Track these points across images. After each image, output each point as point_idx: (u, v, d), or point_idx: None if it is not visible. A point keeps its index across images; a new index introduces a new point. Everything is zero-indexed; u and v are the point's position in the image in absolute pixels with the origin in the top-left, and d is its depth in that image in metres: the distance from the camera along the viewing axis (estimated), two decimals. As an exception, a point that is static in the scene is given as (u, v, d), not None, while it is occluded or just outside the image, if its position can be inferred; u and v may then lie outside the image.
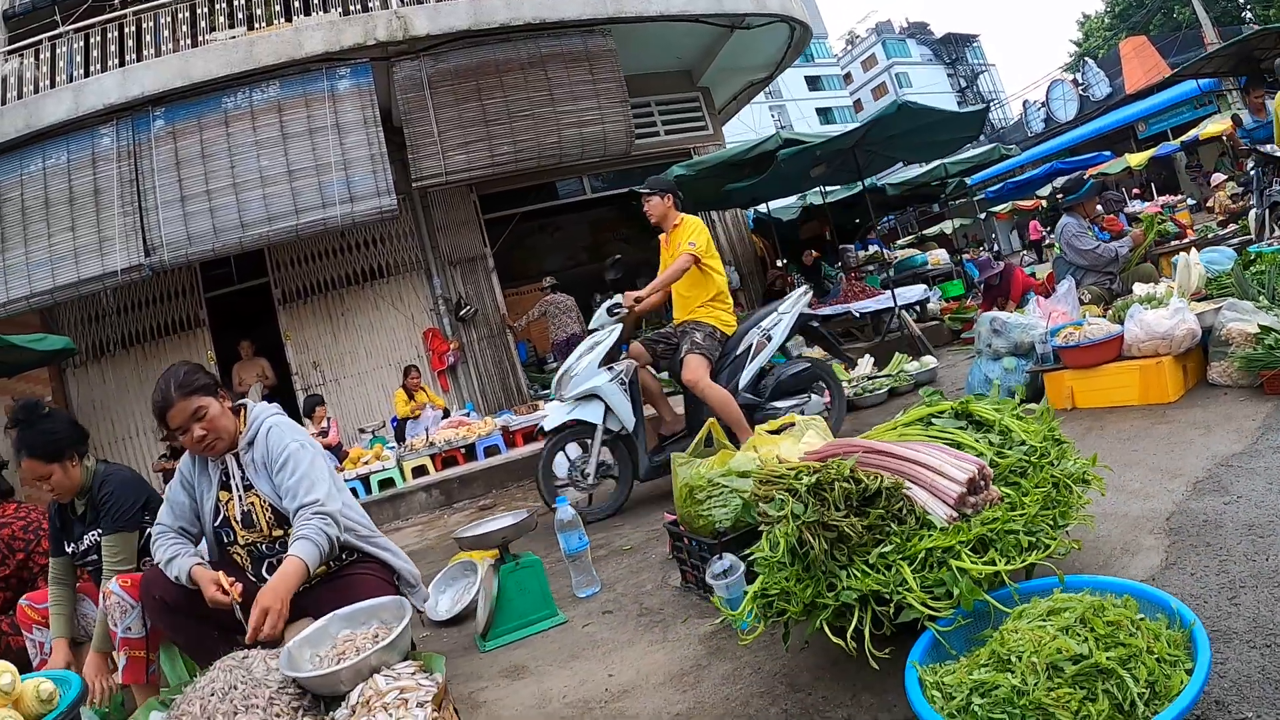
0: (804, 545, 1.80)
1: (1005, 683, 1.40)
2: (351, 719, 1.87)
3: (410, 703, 1.83)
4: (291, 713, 1.96)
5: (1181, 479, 2.82)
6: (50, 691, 1.97)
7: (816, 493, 1.87)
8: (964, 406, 2.31)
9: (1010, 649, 1.47)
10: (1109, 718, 1.31)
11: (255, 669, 2.04)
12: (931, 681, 1.54)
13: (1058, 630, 1.47)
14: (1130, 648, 1.40)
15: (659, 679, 2.34)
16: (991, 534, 1.83)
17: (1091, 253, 5.79)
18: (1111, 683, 1.35)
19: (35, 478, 2.90)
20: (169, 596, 2.49)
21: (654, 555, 3.62)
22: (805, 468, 1.99)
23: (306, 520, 2.37)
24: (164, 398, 2.51)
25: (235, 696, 1.95)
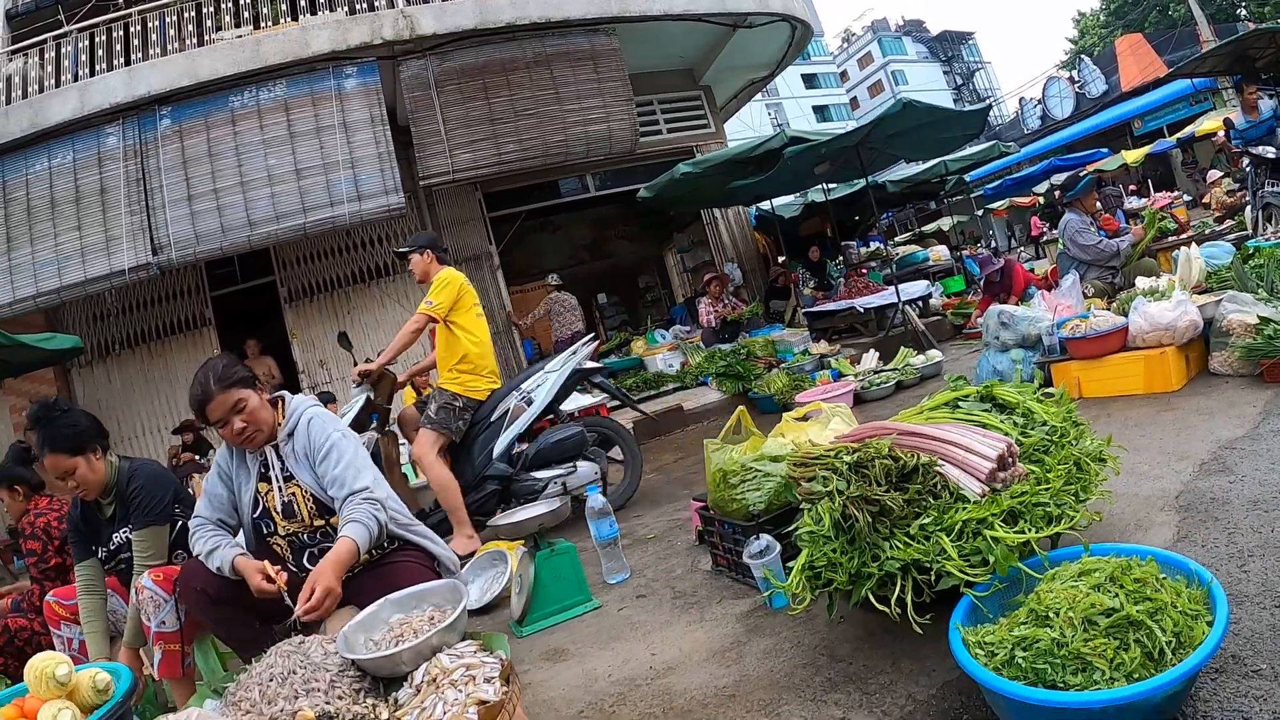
0: (848, 519, 1.96)
1: (1045, 636, 1.55)
2: (416, 696, 1.90)
3: (478, 678, 1.87)
4: (353, 695, 1.98)
5: (1188, 461, 3.00)
6: (106, 682, 1.95)
7: (858, 470, 2.02)
8: (988, 390, 2.47)
9: (1047, 606, 1.63)
10: (1141, 665, 1.46)
11: (313, 654, 2.07)
12: (974, 641, 1.68)
13: (1090, 588, 1.63)
14: (1156, 602, 1.56)
15: (701, 656, 2.45)
16: (1020, 506, 1.99)
17: (1094, 248, 5.96)
18: (1141, 633, 1.51)
19: (60, 473, 2.91)
20: (210, 588, 2.52)
21: (679, 543, 3.76)
22: (844, 448, 2.14)
23: (356, 505, 2.43)
24: (203, 391, 2.53)
25: (295, 681, 1.98)
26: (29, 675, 1.89)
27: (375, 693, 2.01)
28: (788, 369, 7.24)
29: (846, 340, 8.71)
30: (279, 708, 1.91)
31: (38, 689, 1.87)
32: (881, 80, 50.25)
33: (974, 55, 53.14)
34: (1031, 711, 1.49)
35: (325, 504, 2.58)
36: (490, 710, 1.70)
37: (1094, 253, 5.98)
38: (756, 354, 7.82)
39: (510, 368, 9.64)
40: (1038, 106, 25.96)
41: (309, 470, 2.60)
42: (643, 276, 16.94)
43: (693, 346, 9.05)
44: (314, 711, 1.86)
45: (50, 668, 1.87)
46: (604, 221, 14.01)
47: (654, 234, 14.26)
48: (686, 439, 6.85)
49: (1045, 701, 1.44)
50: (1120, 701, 1.39)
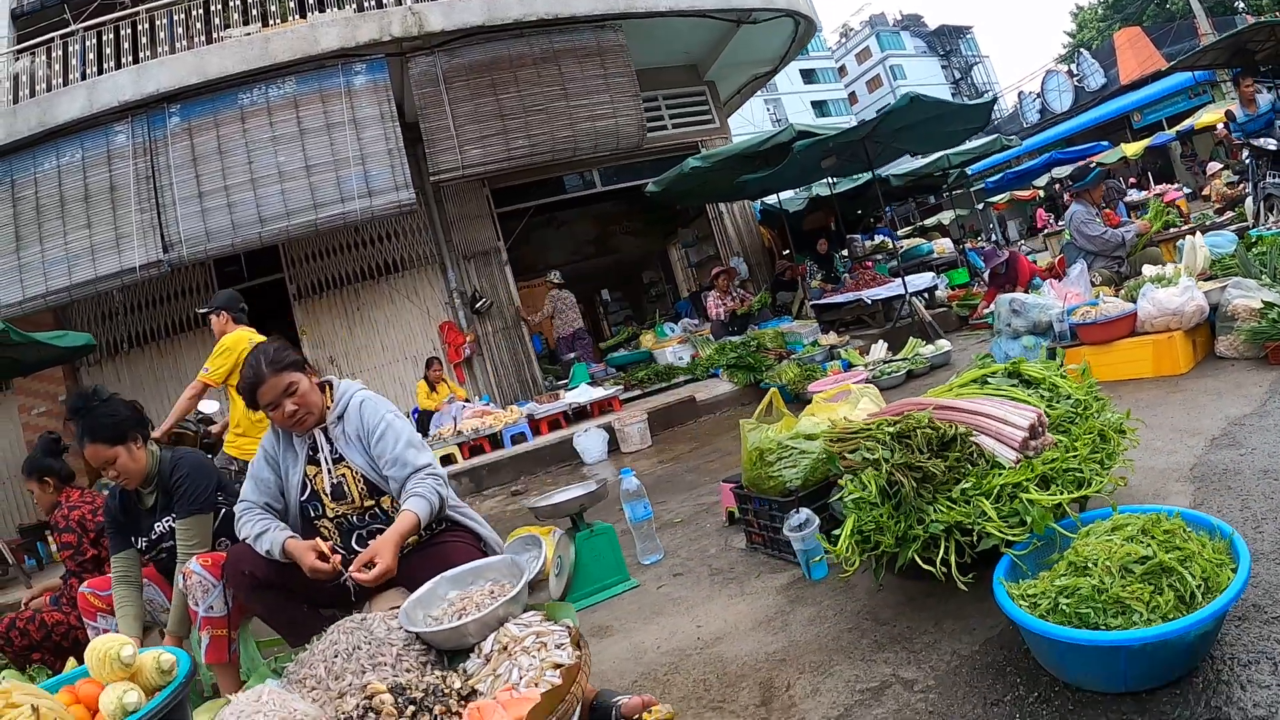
0: (894, 485, 2.12)
1: (1085, 584, 1.71)
2: (487, 665, 1.94)
3: (549, 644, 1.92)
4: (420, 668, 2.01)
5: (1200, 437, 3.18)
6: (170, 663, 1.96)
7: (900, 439, 2.19)
8: (1015, 367, 2.63)
9: (1085, 558, 1.79)
10: (1174, 607, 1.62)
11: (376, 629, 2.10)
12: (1018, 594, 1.84)
13: (1123, 540, 1.79)
14: (1185, 551, 1.73)
15: (747, 626, 2.59)
16: (1051, 472, 2.16)
17: (1100, 238, 6.14)
18: (1174, 579, 1.67)
19: (100, 463, 2.91)
20: (259, 571, 2.53)
21: (708, 525, 3.91)
22: (885, 421, 2.31)
23: (421, 480, 2.49)
24: (255, 374, 2.55)
25: (361, 656, 2.01)
26: (90, 658, 1.91)
27: (440, 665, 2.05)
28: (798, 360, 7.41)
29: (854, 332, 8.88)
30: (347, 682, 1.96)
31: (100, 671, 1.88)
32: (880, 75, 50.56)
33: (972, 49, 53.49)
34: (1080, 652, 1.65)
35: (376, 485, 2.62)
36: (569, 672, 1.79)
37: (1099, 243, 6.16)
38: (766, 346, 8.00)
39: (519, 362, 9.80)
40: (1036, 100, 26.21)
41: (360, 452, 2.64)
42: (647, 271, 17.13)
43: (702, 339, 9.23)
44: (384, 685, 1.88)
45: (115, 649, 1.88)
46: (608, 217, 14.16)
47: (658, 229, 14.43)
48: (700, 429, 7.02)
49: (1093, 641, 1.60)
50: (1159, 638, 1.55)
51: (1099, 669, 1.66)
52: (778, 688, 2.10)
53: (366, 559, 2.30)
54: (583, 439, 6.81)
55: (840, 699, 1.96)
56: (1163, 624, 1.58)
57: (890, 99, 48.46)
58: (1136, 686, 1.65)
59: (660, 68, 10.75)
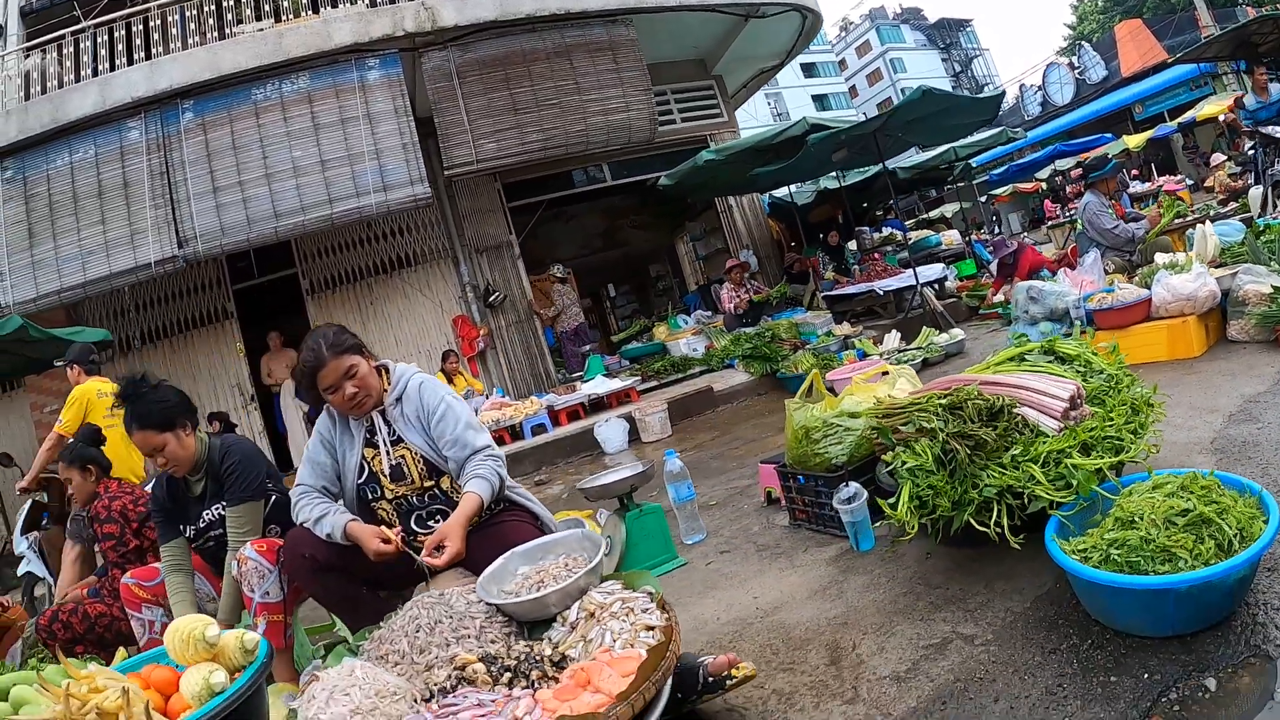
0: (949, 453, 2.31)
1: (1134, 536, 1.91)
2: (574, 633, 2.01)
3: (636, 609, 1.99)
4: (505, 639, 2.07)
5: (1218, 413, 3.40)
6: (254, 641, 1.97)
7: (952, 411, 2.38)
8: (1050, 345, 2.84)
9: (1131, 513, 1.99)
10: (1214, 554, 1.82)
11: (455, 604, 2.15)
12: (1068, 549, 2.03)
13: (1165, 496, 1.99)
14: (1221, 504, 1.93)
15: (803, 595, 2.75)
16: (1091, 440, 2.36)
17: (1110, 232, 6.36)
18: (1213, 529, 1.87)
19: (149, 450, 2.93)
20: (320, 554, 2.57)
21: (745, 506, 4.10)
22: (935, 394, 2.50)
23: (481, 461, 2.56)
24: (316, 358, 2.59)
25: (444, 629, 2.06)
26: (172, 640, 1.92)
27: (521, 636, 2.11)
28: (813, 350, 7.61)
29: (865, 322, 9.09)
30: (433, 655, 2.01)
31: (184, 652, 1.90)
32: (880, 68, 50.98)
33: (972, 42, 53.96)
34: (1131, 597, 1.85)
35: (435, 465, 2.68)
36: (666, 630, 1.88)
37: (1110, 237, 6.37)
38: (781, 336, 8.20)
39: (532, 355, 9.97)
40: (1038, 93, 26.47)
41: (420, 433, 2.69)
42: (654, 265, 17.31)
43: (716, 331, 9.42)
44: (473, 655, 1.95)
45: (199, 629, 1.90)
46: (616, 211, 14.34)
47: (665, 223, 14.63)
48: (719, 418, 7.22)
49: (1145, 585, 1.79)
50: (1205, 580, 1.74)
51: (1148, 613, 1.86)
52: (844, 648, 2.27)
53: (436, 542, 2.38)
54: (603, 429, 6.99)
55: (906, 655, 2.13)
56: (1207, 567, 1.77)
57: (890, 92, 48.92)
58: (1182, 629, 1.85)
59: (669, 62, 10.94)
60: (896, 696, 1.95)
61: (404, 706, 1.82)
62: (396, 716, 1.78)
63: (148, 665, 2.00)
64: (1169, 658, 1.79)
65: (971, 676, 1.95)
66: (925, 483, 2.32)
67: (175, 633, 1.91)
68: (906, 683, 2.00)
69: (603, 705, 1.63)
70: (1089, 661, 1.87)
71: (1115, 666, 1.82)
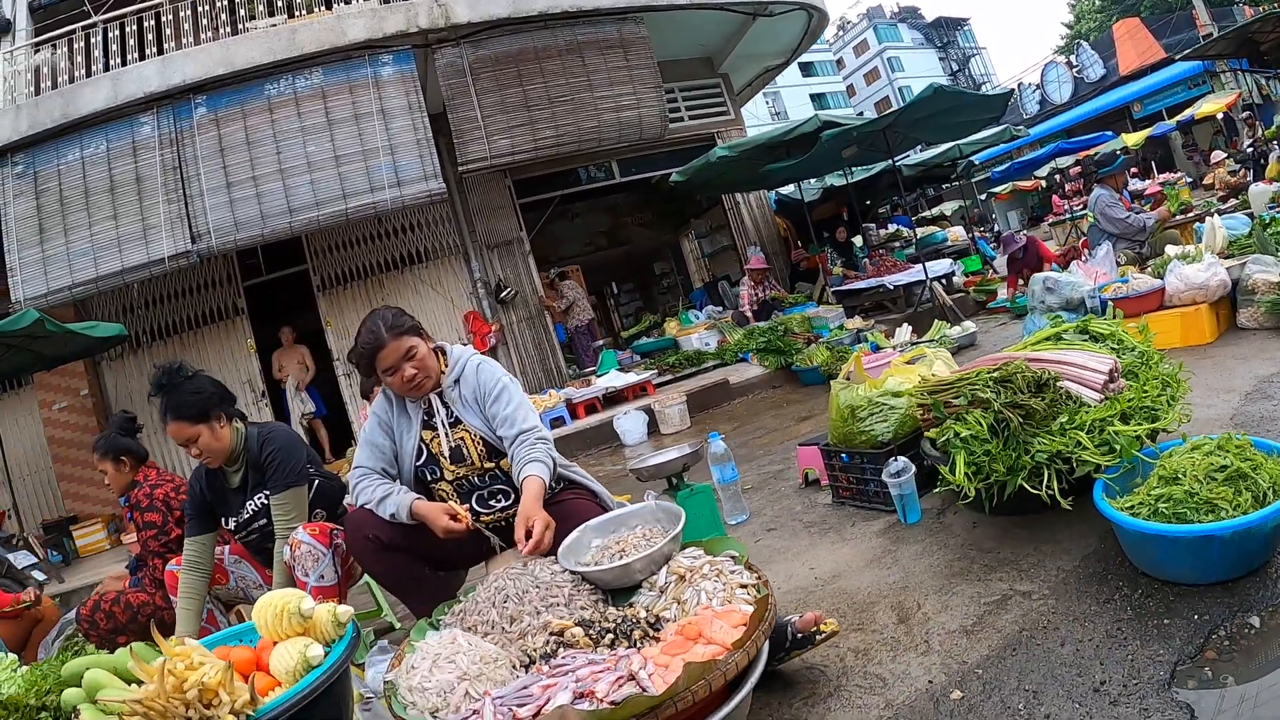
0: (1002, 422, 2.53)
1: (1178, 491, 2.13)
2: (663, 597, 2.10)
3: (724, 571, 2.08)
4: (594, 605, 2.13)
5: (1234, 393, 3.66)
6: (348, 614, 1.98)
7: (1003, 384, 2.60)
8: (1085, 324, 3.07)
9: (1174, 471, 2.21)
10: (1251, 504, 2.04)
11: (540, 574, 2.22)
12: (1117, 507, 2.25)
13: (1204, 455, 2.22)
14: (1255, 461, 2.15)
15: (859, 565, 2.92)
16: (1129, 409, 2.58)
17: (1123, 221, 6.63)
18: (1249, 483, 2.09)
19: (182, 440, 2.96)
20: (384, 535, 2.63)
21: (784, 488, 4.29)
22: (984, 370, 2.72)
23: (531, 445, 2.62)
24: (376, 339, 2.64)
25: (532, 598, 2.12)
26: (263, 614, 1.95)
27: (607, 604, 2.17)
28: (827, 343, 7.84)
29: (876, 317, 9.34)
30: (525, 623, 2.06)
31: (277, 626, 1.92)
32: (877, 67, 51.51)
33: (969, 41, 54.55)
34: (1179, 545, 2.06)
35: (494, 446, 2.74)
36: (765, 584, 2.01)
37: (1123, 226, 6.64)
38: (794, 330, 8.42)
39: (544, 351, 10.16)
40: (1036, 91, 26.87)
41: (478, 414, 2.76)
42: (658, 263, 17.52)
43: (728, 325, 9.64)
44: (569, 620, 2.00)
45: (293, 603, 1.93)
46: (621, 208, 14.56)
47: (670, 220, 14.85)
48: (737, 410, 7.44)
49: (1193, 533, 2.01)
50: (1246, 526, 1.96)
51: (1194, 560, 2.08)
52: (909, 608, 2.46)
53: (524, 529, 2.38)
54: (623, 421, 7.19)
55: (970, 611, 2.33)
56: (1246, 515, 1.99)
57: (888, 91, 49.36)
58: (1225, 576, 2.06)
59: (677, 60, 11.14)
60: (968, 646, 2.14)
61: (506, 672, 1.89)
62: (502, 681, 1.84)
63: (219, 646, 1.98)
64: (1215, 601, 2.01)
65: (1035, 626, 2.15)
66: (980, 450, 2.54)
67: (268, 607, 1.94)
68: (975, 635, 2.20)
69: (719, 654, 1.70)
70: (1142, 608, 2.08)
71: (1167, 611, 2.03)
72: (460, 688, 1.81)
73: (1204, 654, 1.83)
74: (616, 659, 1.79)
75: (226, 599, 3.43)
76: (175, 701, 1.59)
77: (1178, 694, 1.71)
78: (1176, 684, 1.74)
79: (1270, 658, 1.77)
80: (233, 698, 1.64)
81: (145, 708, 1.58)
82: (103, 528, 8.67)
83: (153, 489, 3.57)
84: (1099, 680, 1.84)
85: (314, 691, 1.75)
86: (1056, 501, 2.42)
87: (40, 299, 8.13)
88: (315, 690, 1.75)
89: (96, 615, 3.45)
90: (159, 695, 1.59)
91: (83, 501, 9.21)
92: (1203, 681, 1.73)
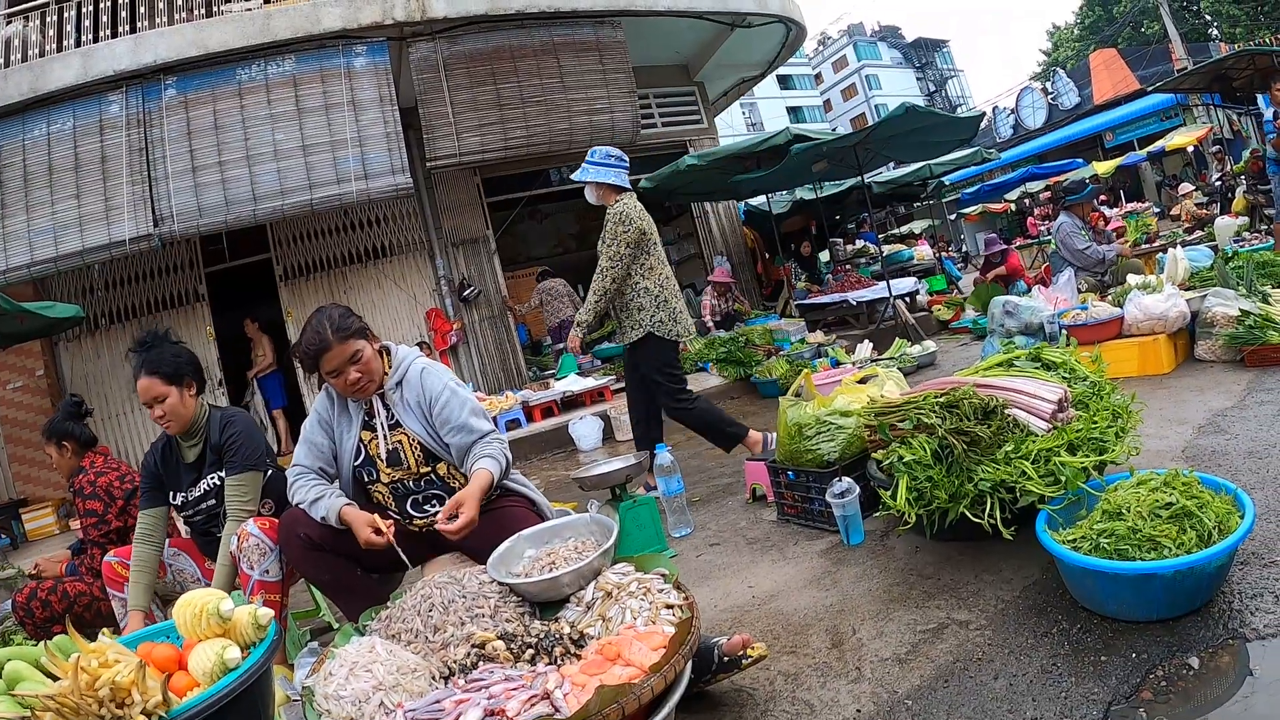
0: (946, 448, 2.44)
1: (1121, 526, 2.05)
2: (590, 613, 2.05)
3: (652, 589, 2.05)
4: (519, 618, 2.10)
5: (1187, 425, 3.61)
6: (267, 617, 1.94)
7: (949, 409, 2.51)
8: (1037, 352, 2.99)
9: (1118, 505, 2.13)
10: (1196, 543, 1.96)
11: (468, 583, 2.19)
12: (1060, 540, 2.16)
13: (1149, 491, 2.14)
14: (1200, 499, 2.08)
15: (798, 585, 2.84)
16: (1077, 440, 2.50)
17: (1082, 253, 6.61)
18: (1194, 521, 2.01)
19: (150, 398, 2.91)
20: (314, 534, 2.59)
21: (730, 503, 4.19)
22: (932, 394, 2.63)
23: (489, 444, 2.61)
24: (321, 341, 2.58)
25: (458, 608, 2.09)
26: (182, 614, 1.89)
27: (534, 616, 2.15)
28: (787, 357, 7.76)
29: (838, 332, 9.29)
30: (448, 634, 2.03)
31: (195, 627, 1.88)
32: (855, 84, 51.93)
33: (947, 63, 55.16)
34: (1120, 582, 1.98)
35: (432, 452, 2.71)
36: (690, 606, 1.97)
37: (1082, 258, 6.62)
38: (755, 342, 8.34)
39: (504, 351, 10.00)
40: (1010, 116, 27.16)
41: (419, 419, 2.71)
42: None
43: (691, 334, 9.53)
44: (491, 634, 1.98)
45: (213, 603, 1.88)
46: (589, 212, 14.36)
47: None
48: (694, 420, 7.31)
49: (1135, 570, 1.93)
50: (1189, 566, 1.89)
51: (1135, 597, 1.99)
52: (844, 633, 2.38)
53: (451, 510, 2.40)
54: (578, 426, 7.06)
55: (905, 638, 2.24)
56: (1190, 554, 1.91)
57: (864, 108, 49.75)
58: (1166, 614, 1.99)
59: (653, 66, 11.05)
60: (900, 676, 2.06)
61: (424, 683, 1.84)
62: (419, 692, 1.80)
63: (143, 643, 1.93)
64: (1154, 639, 1.93)
65: (970, 657, 2.06)
66: (923, 475, 2.45)
67: (187, 606, 1.89)
68: (908, 663, 2.11)
69: (635, 677, 1.66)
70: (1079, 643, 2.00)
71: (1105, 647, 1.95)
72: (375, 697, 1.78)
73: (1139, 694, 1.75)
74: (534, 676, 1.77)
75: (164, 594, 3.29)
76: (88, 699, 1.56)
77: (1109, 740, 1.61)
78: (1108, 728, 1.65)
79: (1207, 699, 1.70)
80: (145, 697, 1.61)
81: (58, 704, 1.55)
82: (52, 512, 8.38)
83: (97, 476, 3.52)
84: (1030, 717, 1.75)
85: (229, 694, 1.71)
86: (999, 531, 2.33)
87: (-2, 276, 7.89)
88: (231, 693, 1.72)
89: (33, 604, 3.37)
90: (72, 691, 1.57)
91: (34, 484, 8.93)
92: (1136, 726, 1.64)
